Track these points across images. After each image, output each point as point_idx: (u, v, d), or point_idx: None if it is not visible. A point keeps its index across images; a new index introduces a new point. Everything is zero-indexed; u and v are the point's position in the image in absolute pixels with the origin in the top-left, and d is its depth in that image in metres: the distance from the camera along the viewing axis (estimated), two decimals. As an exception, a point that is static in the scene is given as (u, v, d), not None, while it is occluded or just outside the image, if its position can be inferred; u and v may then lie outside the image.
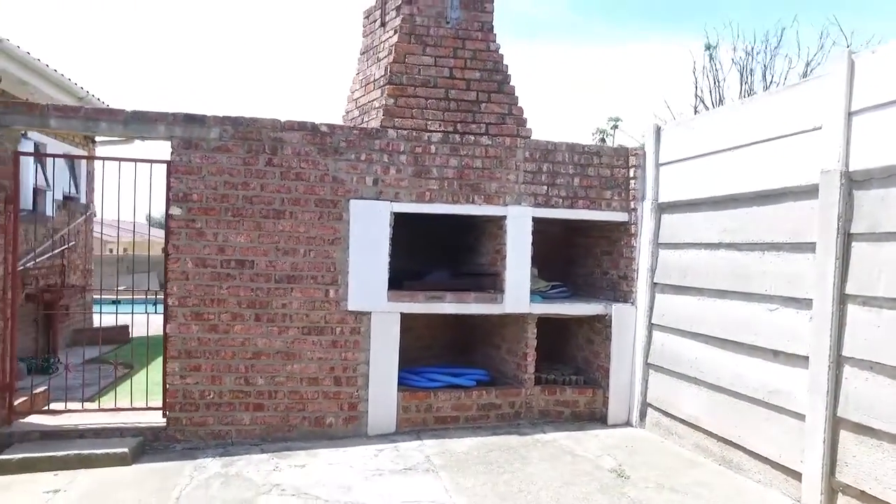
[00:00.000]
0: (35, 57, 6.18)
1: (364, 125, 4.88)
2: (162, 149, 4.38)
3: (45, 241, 6.75)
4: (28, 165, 5.91)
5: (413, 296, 4.63)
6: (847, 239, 3.12)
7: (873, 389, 2.93)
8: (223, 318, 4.28)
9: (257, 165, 4.32)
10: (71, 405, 4.53)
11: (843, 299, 3.11)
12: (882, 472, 2.87)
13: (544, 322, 5.02)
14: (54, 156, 5.93)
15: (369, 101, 4.94)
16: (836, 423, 3.12)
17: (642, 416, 4.76)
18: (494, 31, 4.96)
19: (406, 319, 5.02)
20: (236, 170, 4.28)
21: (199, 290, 4.24)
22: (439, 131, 4.66)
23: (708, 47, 11.50)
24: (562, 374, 5.10)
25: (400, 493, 3.48)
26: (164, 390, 4.26)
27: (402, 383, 4.73)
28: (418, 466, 3.89)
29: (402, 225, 4.86)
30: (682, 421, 4.30)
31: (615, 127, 13.22)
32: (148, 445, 4.10)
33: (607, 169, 4.92)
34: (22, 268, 6.28)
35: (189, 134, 4.19)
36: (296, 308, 4.40)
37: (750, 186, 3.79)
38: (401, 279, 4.82)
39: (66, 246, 7.24)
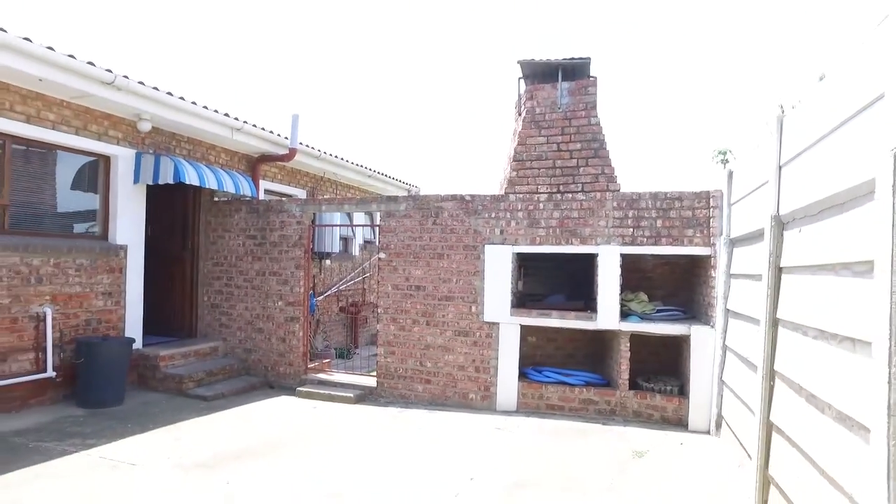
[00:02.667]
0: (335, 154, 9.98)
1: (501, 192, 6.81)
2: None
3: (351, 272, 10.48)
4: (331, 227, 9.59)
5: (529, 312, 6.30)
6: (779, 272, 3.74)
7: (784, 398, 3.55)
8: (407, 322, 6.75)
9: (427, 224, 6.70)
10: (340, 371, 7.63)
11: (775, 322, 3.74)
12: (788, 468, 3.47)
13: (663, 339, 6.08)
14: (329, 225, 9.42)
15: (507, 173, 6.86)
16: (769, 427, 3.74)
17: (717, 426, 5.37)
18: (595, 108, 6.33)
19: (547, 333, 6.75)
20: (415, 228, 6.74)
21: (394, 304, 6.81)
22: (546, 192, 6.29)
23: None
24: (664, 384, 5.98)
25: (479, 438, 5.28)
26: (376, 365, 6.94)
27: (525, 376, 6.43)
28: (507, 429, 5.59)
29: (537, 260, 6.64)
30: (730, 428, 4.91)
31: None
32: (365, 397, 6.80)
33: (688, 210, 5.73)
34: (337, 290, 10.04)
35: (389, 208, 6.85)
36: (450, 318, 6.58)
37: (756, 226, 4.42)
38: (527, 300, 6.58)
39: (365, 275, 10.93)
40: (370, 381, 7.01)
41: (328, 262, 9.81)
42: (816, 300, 3.08)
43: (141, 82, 6.40)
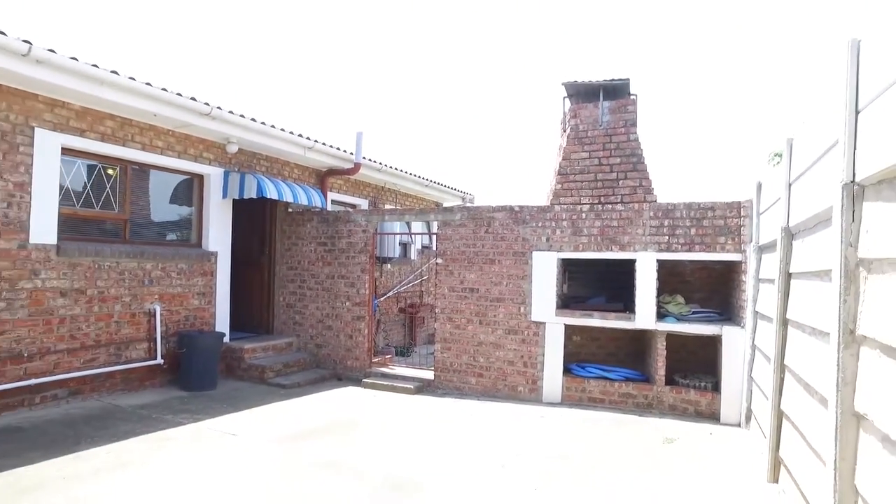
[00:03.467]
0: (395, 166, 10.83)
1: (547, 203, 7.44)
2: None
3: (409, 275, 11.32)
4: (393, 235, 10.44)
5: (572, 312, 6.91)
6: (788, 277, 4.24)
7: (790, 388, 4.05)
8: (462, 321, 7.48)
9: (480, 233, 7.41)
10: (401, 366, 8.44)
11: (784, 321, 4.24)
12: (792, 449, 3.98)
13: (701, 339, 6.57)
14: (391, 233, 10.28)
15: (552, 186, 7.48)
16: (779, 415, 4.24)
17: (747, 419, 5.81)
18: (635, 125, 6.88)
19: (591, 332, 7.33)
20: (469, 236, 7.46)
21: (450, 304, 7.55)
22: (588, 203, 6.89)
23: None
24: (699, 380, 6.46)
25: (525, 424, 5.94)
26: (434, 359, 7.70)
27: (569, 371, 7.03)
28: (550, 417, 6.22)
29: (580, 265, 7.23)
30: (756, 420, 5.37)
31: None
32: (423, 388, 7.57)
33: (720, 220, 6.20)
34: (396, 292, 10.88)
35: (445, 218, 7.60)
36: (501, 317, 7.26)
37: (771, 237, 4.90)
38: (571, 302, 7.18)
39: (422, 278, 11.74)
40: (428, 375, 7.78)
41: (388, 266, 10.66)
42: (810, 301, 3.60)
43: (231, 111, 7.41)
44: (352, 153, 9.64)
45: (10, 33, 4.93)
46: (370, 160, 10.15)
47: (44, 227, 5.88)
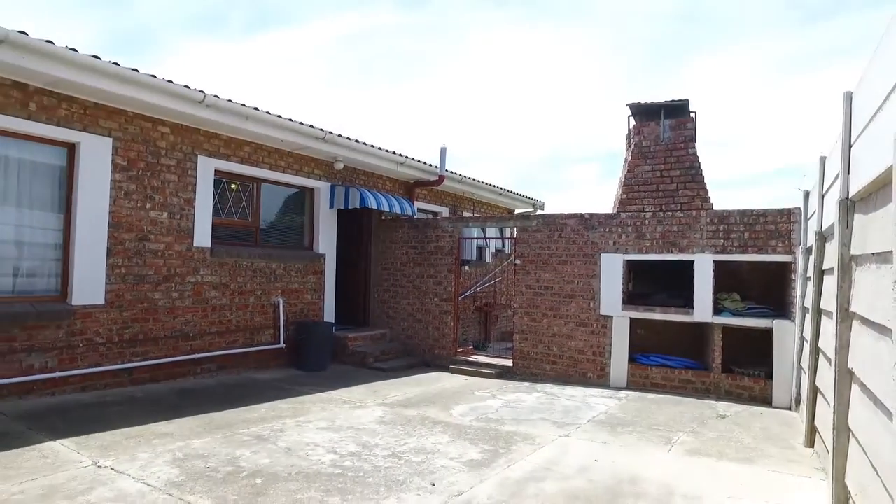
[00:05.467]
0: (473, 177, 11.97)
1: (613, 211, 8.34)
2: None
3: (484, 277, 12.43)
4: (472, 239, 11.58)
5: (636, 308, 7.78)
6: (821, 273, 5.02)
7: (822, 366, 4.83)
8: (538, 315, 8.49)
9: (553, 238, 8.41)
10: (481, 356, 9.54)
11: (819, 311, 5.01)
12: (823, 417, 4.76)
13: (758, 333, 7.29)
14: (469, 238, 11.38)
15: (618, 195, 8.38)
16: (814, 389, 5.01)
17: (797, 402, 6.51)
18: (693, 140, 7.68)
19: (655, 326, 8.17)
20: (544, 240, 8.48)
21: (527, 301, 8.59)
22: (650, 211, 7.75)
23: None
24: (754, 368, 7.17)
25: (594, 401, 6.89)
26: (512, 350, 8.74)
27: (634, 360, 7.90)
28: (616, 397, 7.12)
29: (644, 266, 8.09)
30: (804, 402, 6.08)
31: None
32: (503, 374, 8.63)
33: (772, 225, 6.92)
34: (472, 292, 12.01)
35: (522, 224, 8.65)
36: (573, 312, 8.23)
37: (810, 242, 5.64)
38: (635, 298, 8.06)
39: (496, 280, 12.81)
40: (507, 362, 8.84)
41: (466, 267, 11.79)
42: (831, 291, 4.40)
43: (339, 135, 8.78)
44: (436, 166, 10.86)
45: (192, 85, 6.43)
46: (452, 172, 11.33)
47: (203, 233, 7.40)
